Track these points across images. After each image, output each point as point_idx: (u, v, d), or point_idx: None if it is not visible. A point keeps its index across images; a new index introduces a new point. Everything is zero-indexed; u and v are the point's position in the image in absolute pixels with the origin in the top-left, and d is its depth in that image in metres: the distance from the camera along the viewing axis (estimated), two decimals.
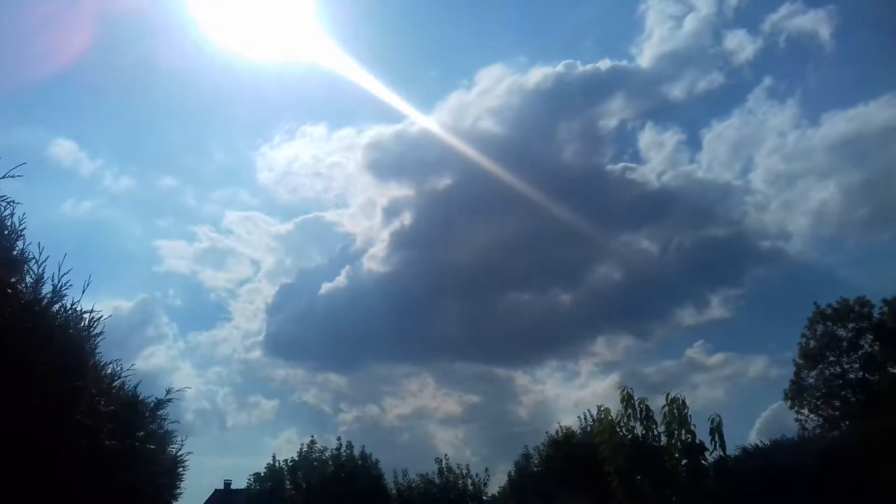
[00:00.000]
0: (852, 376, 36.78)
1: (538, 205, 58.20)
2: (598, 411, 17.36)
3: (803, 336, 38.25)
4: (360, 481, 35.57)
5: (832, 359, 37.28)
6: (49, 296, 5.49)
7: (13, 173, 4.97)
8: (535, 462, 34.92)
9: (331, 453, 36.96)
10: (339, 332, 64.18)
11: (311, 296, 68.42)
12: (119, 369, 7.39)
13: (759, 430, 41.62)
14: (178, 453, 10.42)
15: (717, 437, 14.50)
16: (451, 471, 36.80)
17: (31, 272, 5.38)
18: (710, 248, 64.00)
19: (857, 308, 37.01)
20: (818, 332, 37.82)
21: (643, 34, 75.73)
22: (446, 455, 37.57)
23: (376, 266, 68.71)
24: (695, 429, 14.72)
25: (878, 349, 36.04)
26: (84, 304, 5.96)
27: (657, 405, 15.34)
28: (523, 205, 59.39)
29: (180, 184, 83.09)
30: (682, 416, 14.73)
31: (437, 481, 36.54)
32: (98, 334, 6.28)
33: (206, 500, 44.88)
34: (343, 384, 69.33)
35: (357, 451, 37.09)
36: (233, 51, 72.16)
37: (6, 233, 5.11)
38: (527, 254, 66.01)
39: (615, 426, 15.64)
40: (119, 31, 67.49)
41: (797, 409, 37.73)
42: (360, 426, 58.41)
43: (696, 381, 59.54)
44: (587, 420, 30.57)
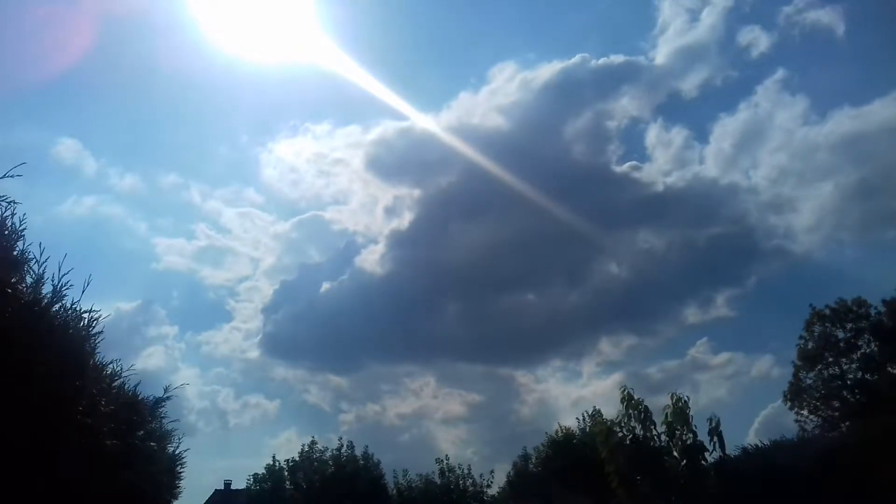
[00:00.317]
0: (851, 377, 36.78)
1: (541, 203, 58.23)
2: (592, 413, 17.42)
3: (801, 338, 38.35)
4: (360, 481, 35.53)
5: (830, 360, 37.27)
6: (49, 296, 5.49)
7: (13, 173, 4.97)
8: (534, 462, 34.91)
9: (331, 453, 36.98)
10: (340, 332, 64.23)
11: (311, 295, 68.44)
12: (119, 369, 7.39)
13: (757, 429, 41.69)
14: (176, 451, 10.42)
15: (715, 438, 14.51)
16: (451, 471, 36.79)
17: (32, 272, 5.39)
18: (714, 247, 63.93)
19: (854, 309, 37.03)
20: (816, 334, 37.83)
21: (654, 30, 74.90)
22: (447, 455, 37.70)
23: (378, 264, 68.70)
24: (696, 429, 14.75)
25: (877, 349, 36.03)
26: (84, 304, 5.97)
27: (658, 405, 15.38)
28: (527, 203, 59.45)
29: (184, 181, 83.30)
30: (685, 416, 14.75)
31: (438, 481, 36.50)
32: (98, 334, 6.28)
33: (207, 500, 44.90)
34: (343, 384, 69.47)
35: (359, 451, 37.15)
36: (233, 51, 72.29)
37: (6, 233, 5.11)
38: (530, 253, 66.11)
39: (610, 428, 15.68)
40: (121, 31, 67.91)
41: (796, 409, 37.76)
42: (360, 426, 58.53)
43: (698, 380, 59.57)
44: (585, 421, 30.70)
